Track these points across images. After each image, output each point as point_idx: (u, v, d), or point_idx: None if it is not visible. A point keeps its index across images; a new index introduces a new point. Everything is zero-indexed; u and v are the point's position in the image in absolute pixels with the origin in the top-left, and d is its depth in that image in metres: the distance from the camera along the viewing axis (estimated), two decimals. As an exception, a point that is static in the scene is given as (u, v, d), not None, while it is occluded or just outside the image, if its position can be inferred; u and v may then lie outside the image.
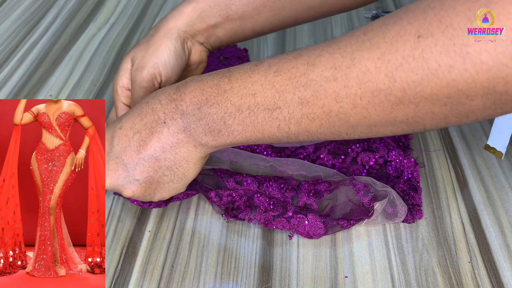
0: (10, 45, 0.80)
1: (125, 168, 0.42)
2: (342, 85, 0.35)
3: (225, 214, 0.50)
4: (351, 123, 0.36)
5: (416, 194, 0.50)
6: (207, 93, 0.40)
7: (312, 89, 0.36)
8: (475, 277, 0.44)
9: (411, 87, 0.32)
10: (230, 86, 0.39)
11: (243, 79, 0.39)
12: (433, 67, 0.31)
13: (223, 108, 0.39)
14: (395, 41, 0.32)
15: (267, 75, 0.38)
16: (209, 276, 0.46)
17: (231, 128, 0.40)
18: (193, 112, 0.40)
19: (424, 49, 0.31)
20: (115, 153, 0.42)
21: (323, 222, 0.47)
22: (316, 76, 0.36)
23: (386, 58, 0.33)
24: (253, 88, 0.38)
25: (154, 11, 0.88)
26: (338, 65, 0.35)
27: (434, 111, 0.33)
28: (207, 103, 0.40)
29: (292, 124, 0.38)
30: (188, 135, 0.41)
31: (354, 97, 0.34)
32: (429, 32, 0.31)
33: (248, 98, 0.38)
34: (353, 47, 0.34)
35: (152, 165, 0.42)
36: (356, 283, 0.44)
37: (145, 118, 0.42)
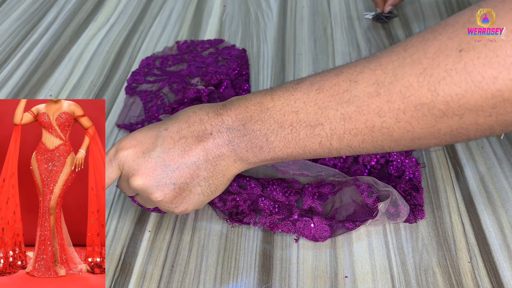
0: (10, 45, 0.80)
1: (165, 169, 0.42)
2: (385, 100, 0.35)
3: (229, 219, 0.49)
4: (394, 137, 0.37)
5: (418, 194, 0.50)
6: (251, 111, 0.41)
7: (355, 104, 0.37)
8: (475, 277, 0.44)
9: (454, 100, 0.33)
10: (272, 104, 0.40)
11: (286, 97, 0.40)
12: (476, 79, 0.32)
13: (266, 125, 0.40)
14: (437, 56, 0.33)
15: (309, 92, 0.39)
16: (209, 276, 0.46)
17: (273, 144, 0.41)
18: (238, 128, 0.41)
19: (466, 62, 0.32)
20: (157, 152, 0.42)
21: (329, 225, 0.47)
22: (358, 92, 0.36)
23: (428, 72, 0.33)
24: (296, 105, 0.39)
25: (154, 11, 0.88)
26: (380, 81, 0.35)
27: (478, 122, 0.34)
28: (251, 119, 0.41)
29: (334, 140, 0.39)
30: (231, 150, 0.42)
31: (397, 112, 0.35)
32: (470, 46, 0.32)
33: (290, 115, 0.39)
34: (394, 63, 0.35)
35: (192, 172, 0.42)
36: (356, 283, 0.44)
37: (192, 126, 0.42)
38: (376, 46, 0.74)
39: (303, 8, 0.87)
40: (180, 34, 0.81)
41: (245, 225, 0.49)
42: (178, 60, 0.74)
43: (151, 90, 0.69)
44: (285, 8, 0.87)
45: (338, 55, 0.74)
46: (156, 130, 0.43)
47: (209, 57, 0.74)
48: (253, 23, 0.84)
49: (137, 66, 0.74)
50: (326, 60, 0.73)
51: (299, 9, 0.87)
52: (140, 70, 0.73)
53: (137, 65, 0.74)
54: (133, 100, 0.67)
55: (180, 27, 0.83)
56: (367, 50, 0.74)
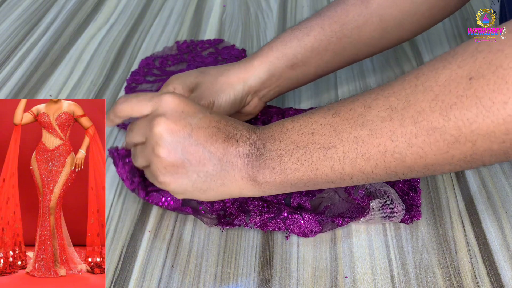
0: (10, 45, 0.80)
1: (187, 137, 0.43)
2: (398, 124, 0.36)
3: (218, 223, 0.49)
4: (407, 164, 0.38)
5: (415, 195, 0.50)
6: (273, 131, 0.43)
7: (368, 128, 0.38)
8: (475, 277, 0.44)
9: (466, 125, 0.34)
10: (292, 125, 0.43)
11: (304, 119, 0.42)
12: (487, 104, 0.32)
13: (283, 145, 0.42)
14: (448, 84, 0.34)
15: (326, 116, 0.41)
16: (209, 276, 0.46)
17: (286, 165, 0.42)
18: (259, 146, 0.43)
19: (476, 89, 0.33)
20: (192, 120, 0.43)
21: (318, 221, 0.48)
22: (372, 116, 0.38)
23: (440, 99, 0.34)
24: (312, 127, 0.41)
25: (154, 11, 0.88)
26: (394, 106, 0.37)
27: (492, 148, 0.34)
28: (271, 139, 0.43)
29: (346, 164, 0.40)
30: (245, 164, 0.43)
31: (410, 136, 0.36)
32: (480, 73, 0.33)
33: (307, 137, 0.41)
34: (407, 90, 0.37)
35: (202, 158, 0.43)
36: (356, 283, 0.44)
37: (228, 126, 0.44)
38: (376, 46, 0.74)
39: (303, 8, 0.87)
40: (180, 34, 0.81)
41: (236, 227, 0.49)
42: (177, 60, 0.74)
43: (150, 90, 0.69)
44: (285, 8, 0.87)
45: (338, 55, 0.73)
46: (200, 107, 0.45)
47: (208, 57, 0.74)
48: (253, 23, 0.84)
49: (137, 66, 0.74)
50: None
51: (299, 9, 0.87)
52: (139, 70, 0.73)
53: (137, 65, 0.74)
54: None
55: (180, 27, 0.83)
56: (367, 50, 0.74)
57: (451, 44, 0.73)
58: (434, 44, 0.74)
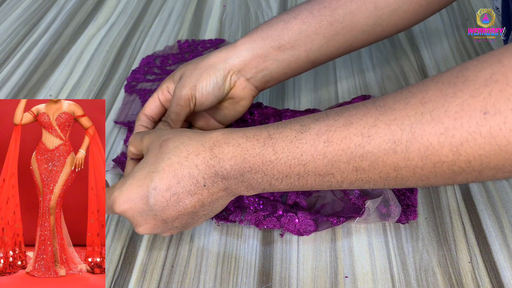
0: (10, 45, 0.80)
1: (165, 222, 0.43)
2: (402, 157, 0.34)
3: (215, 217, 0.49)
4: (408, 184, 0.36)
5: (412, 195, 0.50)
6: (250, 162, 0.39)
7: (369, 160, 0.35)
8: (475, 277, 0.44)
9: (476, 160, 0.32)
10: (276, 157, 0.38)
11: (290, 149, 0.38)
12: (502, 143, 0.30)
13: (269, 175, 0.39)
14: (459, 117, 0.31)
15: (317, 145, 0.37)
16: (209, 276, 0.46)
17: (277, 187, 0.40)
18: (235, 176, 0.40)
19: (492, 126, 0.30)
20: (153, 212, 0.42)
21: (313, 219, 0.48)
22: (373, 148, 0.35)
23: (450, 133, 0.32)
24: (303, 158, 0.37)
25: (154, 11, 0.88)
26: (397, 138, 0.34)
27: (496, 176, 0.33)
28: (251, 170, 0.39)
29: (344, 185, 0.38)
30: (229, 192, 0.41)
31: (415, 168, 0.34)
32: (496, 109, 0.30)
33: (297, 168, 0.38)
34: (411, 119, 0.33)
35: (191, 216, 0.43)
36: (356, 283, 0.44)
37: (182, 182, 0.40)
38: (376, 46, 0.74)
39: (303, 8, 0.87)
40: (180, 34, 0.81)
41: (231, 223, 0.49)
42: (178, 59, 0.74)
43: (150, 89, 0.69)
44: (285, 8, 0.87)
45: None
46: (145, 189, 0.41)
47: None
48: (253, 23, 0.84)
49: (137, 66, 0.74)
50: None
51: (299, 9, 0.87)
52: (140, 68, 0.73)
53: (137, 65, 0.74)
54: (133, 98, 0.67)
55: (180, 27, 0.83)
56: (367, 50, 0.74)
57: (450, 43, 0.73)
58: (434, 44, 0.74)
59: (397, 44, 0.75)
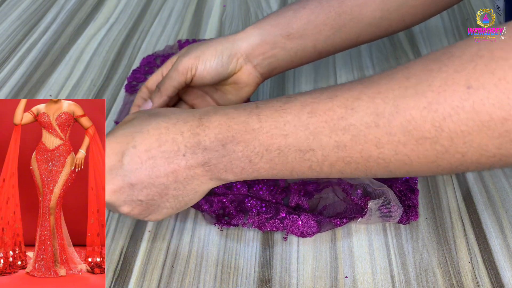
0: (9, 45, 0.80)
1: (132, 188, 0.41)
2: (384, 132, 0.33)
3: (217, 222, 0.49)
4: (390, 169, 0.35)
5: (413, 195, 0.50)
6: (233, 131, 0.38)
7: (351, 133, 0.34)
8: (475, 277, 0.44)
9: (459, 136, 0.31)
10: (259, 125, 0.38)
11: (274, 118, 0.37)
12: (485, 119, 0.30)
13: (250, 147, 0.38)
14: (443, 91, 0.31)
15: (301, 116, 0.36)
16: (209, 276, 0.46)
17: (257, 166, 0.39)
18: (216, 148, 0.39)
19: (475, 101, 0.30)
20: (124, 171, 0.40)
21: (316, 221, 0.48)
22: (355, 121, 0.34)
23: (433, 108, 0.31)
24: (285, 128, 0.37)
25: (154, 11, 0.88)
26: (380, 111, 0.33)
27: (480, 162, 0.32)
28: (233, 140, 0.38)
29: (325, 166, 0.37)
30: (207, 170, 0.40)
31: (397, 144, 0.33)
32: (480, 83, 0.30)
33: (278, 139, 0.37)
34: (395, 92, 0.33)
35: (160, 191, 0.41)
36: (356, 283, 0.44)
37: (163, 146, 0.40)
38: (376, 46, 0.74)
39: (303, 8, 0.87)
40: (180, 34, 0.81)
41: (234, 227, 0.49)
42: (178, 60, 0.74)
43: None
44: (285, 8, 0.87)
45: (338, 55, 0.73)
46: (123, 146, 0.40)
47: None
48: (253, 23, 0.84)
49: (137, 65, 0.74)
50: (326, 60, 0.73)
51: (299, 9, 0.87)
52: (140, 68, 0.73)
53: (137, 65, 0.74)
54: (133, 99, 0.67)
55: (180, 27, 0.83)
56: (367, 50, 0.74)
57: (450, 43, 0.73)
58: (434, 44, 0.74)
59: (397, 43, 0.75)
